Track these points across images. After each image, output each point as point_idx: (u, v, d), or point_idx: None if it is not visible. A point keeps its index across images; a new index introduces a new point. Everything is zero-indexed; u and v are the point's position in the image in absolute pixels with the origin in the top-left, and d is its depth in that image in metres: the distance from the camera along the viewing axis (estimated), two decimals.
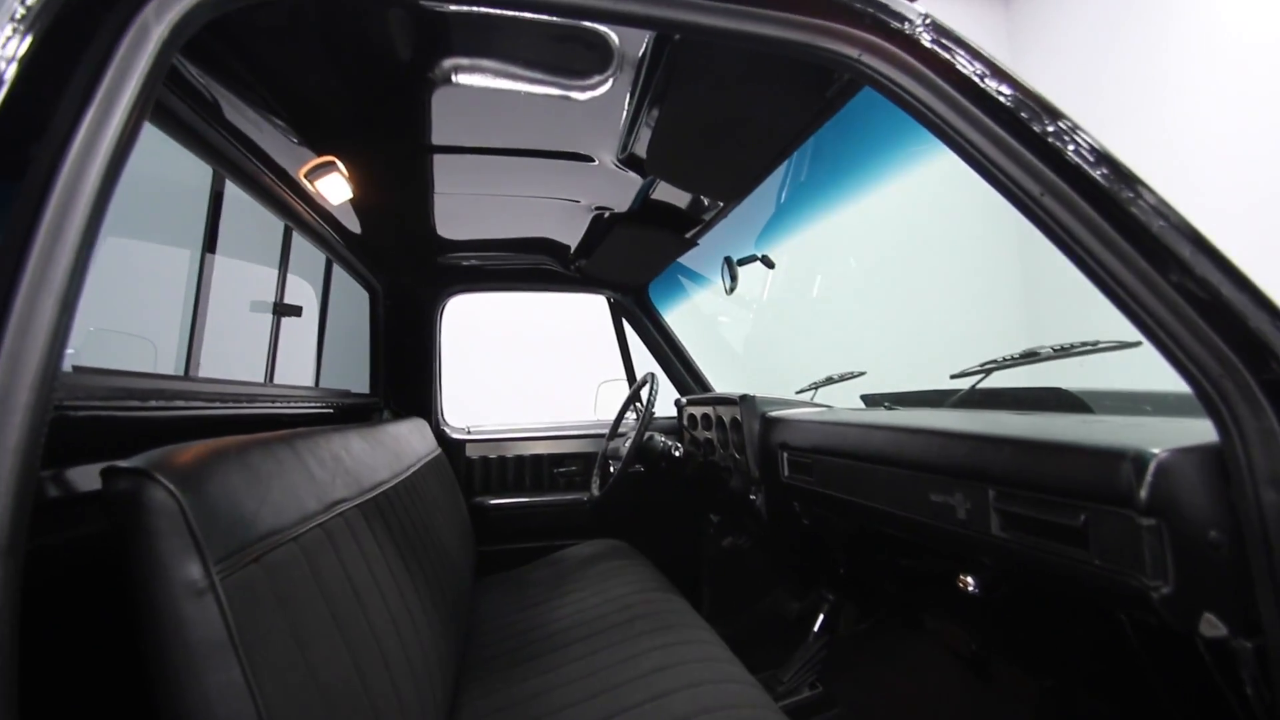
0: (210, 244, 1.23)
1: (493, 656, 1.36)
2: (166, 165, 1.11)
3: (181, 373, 1.17)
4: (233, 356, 1.48)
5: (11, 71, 0.45)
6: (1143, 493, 0.61)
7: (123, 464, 0.57)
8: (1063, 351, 1.18)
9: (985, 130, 0.63)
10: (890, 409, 1.50)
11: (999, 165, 0.63)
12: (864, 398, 1.76)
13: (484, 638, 1.47)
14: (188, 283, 1.25)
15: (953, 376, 1.39)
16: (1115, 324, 0.66)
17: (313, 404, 1.56)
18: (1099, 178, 0.58)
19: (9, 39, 0.46)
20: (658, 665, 1.14)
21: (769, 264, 1.79)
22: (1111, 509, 0.66)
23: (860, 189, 2.43)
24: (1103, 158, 0.59)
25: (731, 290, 1.74)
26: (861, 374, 1.79)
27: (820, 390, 1.89)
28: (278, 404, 1.33)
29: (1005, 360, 1.29)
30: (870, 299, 3.83)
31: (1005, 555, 0.86)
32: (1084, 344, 1.15)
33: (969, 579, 1.02)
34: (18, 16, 0.47)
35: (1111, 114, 3.31)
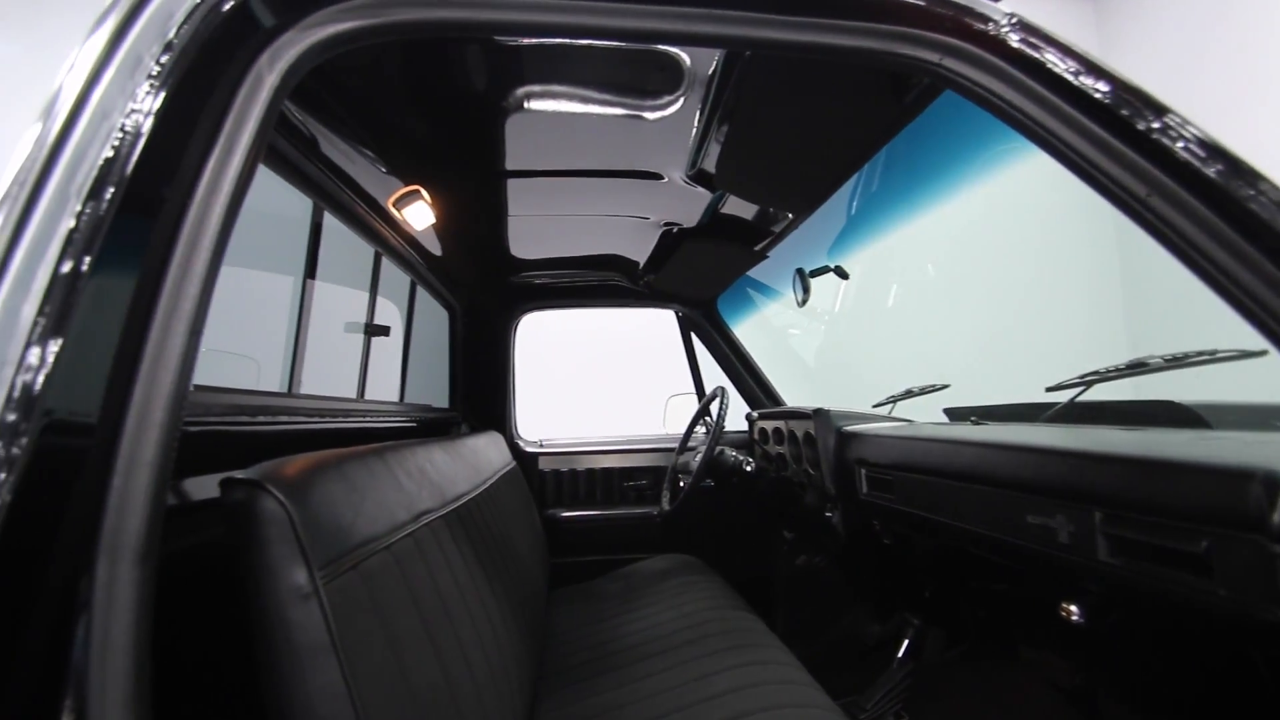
0: (311, 270, 1.33)
1: (568, 668, 1.37)
2: (267, 198, 1.21)
3: (285, 389, 1.26)
4: (326, 375, 1.59)
5: (149, 125, 0.51)
6: (1275, 517, 0.55)
7: (239, 475, 0.62)
8: (1176, 362, 1.08)
9: (1082, 130, 0.60)
10: (978, 423, 1.42)
11: (1099, 166, 0.59)
12: (948, 411, 1.68)
13: (559, 649, 1.49)
14: (290, 307, 1.36)
15: (1049, 389, 1.30)
16: (1233, 332, 0.60)
17: (398, 419, 1.65)
18: (1213, 175, 0.54)
19: (146, 95, 0.51)
20: (734, 685, 1.12)
21: (843, 275, 1.74)
22: (1239, 534, 0.60)
23: (939, 194, 2.33)
24: (1216, 152, 0.55)
25: (803, 303, 1.71)
26: (944, 387, 1.70)
27: (899, 404, 1.81)
28: (368, 419, 1.41)
29: (1109, 371, 1.19)
30: (953, 309, 3.65)
31: (1114, 582, 0.79)
32: (1200, 353, 1.04)
33: (1072, 607, 0.94)
34: (153, 74, 0.52)
35: (1209, 112, 3.03)
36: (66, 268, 0.45)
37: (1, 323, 0.43)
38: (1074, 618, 0.94)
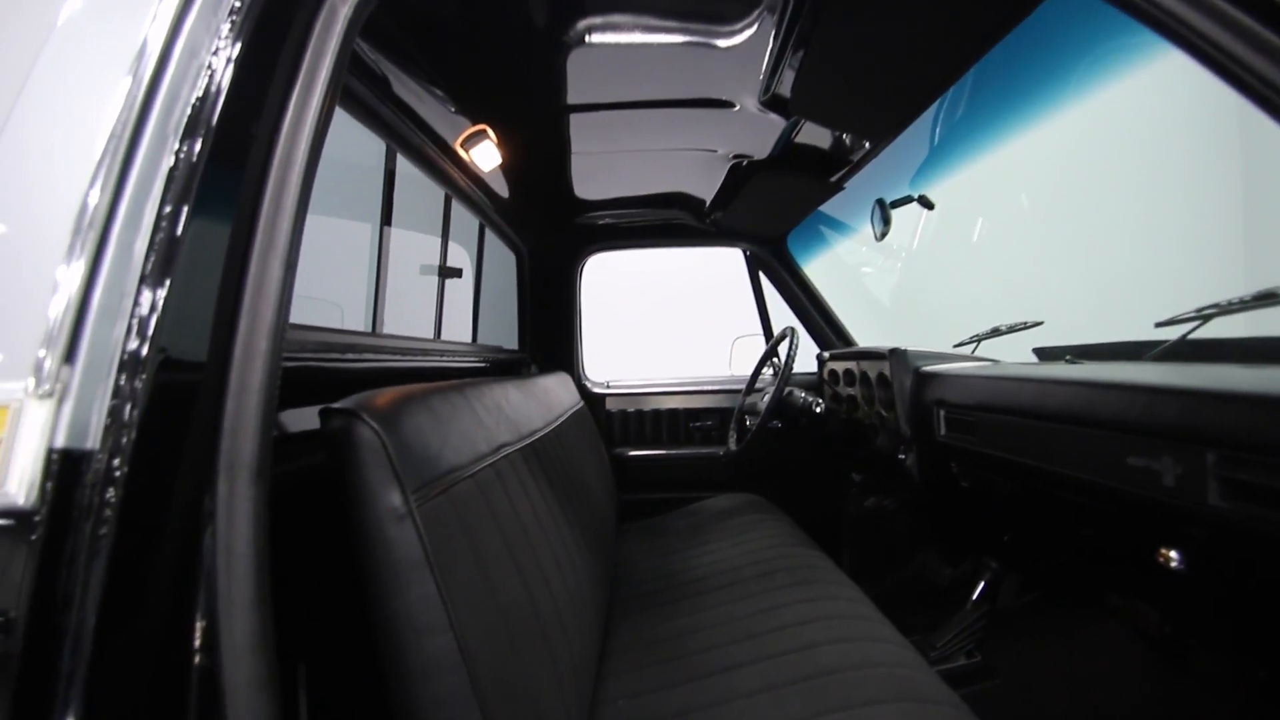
0: (387, 217, 1.36)
1: (637, 596, 1.43)
2: (344, 148, 1.24)
3: (369, 330, 1.33)
4: (404, 317, 1.66)
5: (234, 64, 0.52)
6: None
7: (336, 405, 0.66)
8: None
9: (1229, 22, 0.51)
10: (1072, 363, 1.33)
11: (1248, 65, 0.51)
12: (1038, 351, 1.57)
13: (628, 579, 1.55)
14: (369, 253, 1.41)
15: (1159, 325, 1.19)
16: None
17: (471, 359, 1.71)
18: None
19: (228, 34, 0.52)
20: (803, 618, 1.14)
21: (927, 205, 1.63)
22: None
23: (1034, 115, 2.12)
24: None
25: (882, 236, 1.62)
26: (1037, 324, 1.59)
27: (983, 343, 1.71)
28: (445, 358, 1.47)
29: (1231, 304, 1.08)
30: (1050, 241, 3.36)
31: (1224, 528, 0.74)
32: None
33: (1172, 553, 0.89)
34: (234, 9, 0.53)
35: None
36: (169, 208, 0.48)
37: (116, 262, 0.46)
38: (1173, 564, 0.89)
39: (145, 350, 0.45)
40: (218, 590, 0.47)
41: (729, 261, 2.45)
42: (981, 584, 1.57)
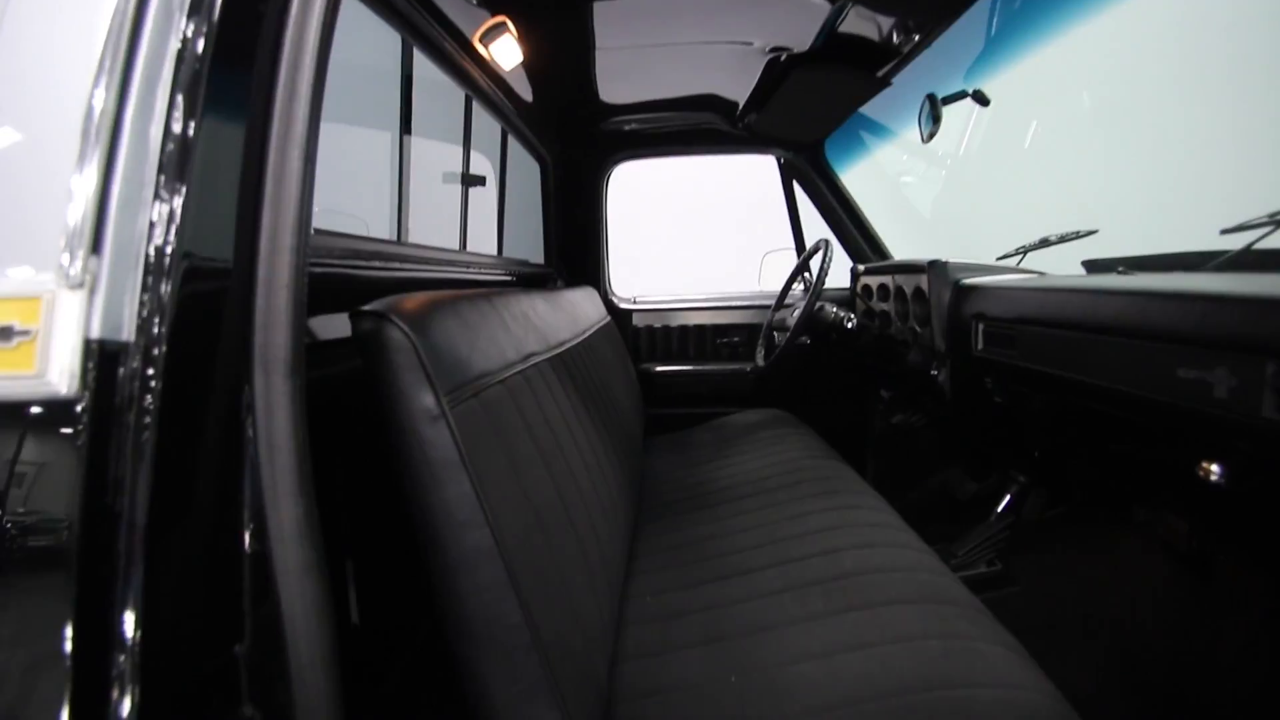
0: (406, 123, 1.31)
1: (664, 504, 1.48)
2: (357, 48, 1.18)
3: (394, 239, 1.31)
4: (427, 228, 1.63)
5: None
6: None
7: (366, 308, 0.65)
8: None
9: None
10: (1125, 274, 1.26)
11: None
12: (1088, 264, 1.49)
13: (654, 490, 1.60)
14: (390, 163, 1.37)
15: (1224, 231, 1.11)
16: None
17: (496, 271, 1.69)
18: None
19: None
20: (827, 525, 1.16)
21: (982, 100, 1.50)
22: None
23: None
24: None
25: (930, 137, 1.51)
26: (1091, 233, 1.49)
27: (1029, 256, 1.63)
28: (470, 269, 1.46)
29: None
30: (1111, 144, 3.11)
31: (1275, 442, 0.71)
32: None
33: (1214, 467, 0.87)
34: None
35: None
36: (180, 97, 0.45)
37: (131, 153, 0.44)
38: (1213, 478, 0.87)
39: (171, 244, 0.44)
40: (262, 480, 0.48)
41: (761, 170, 2.34)
42: (1008, 497, 1.58)
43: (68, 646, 0.40)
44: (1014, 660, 0.78)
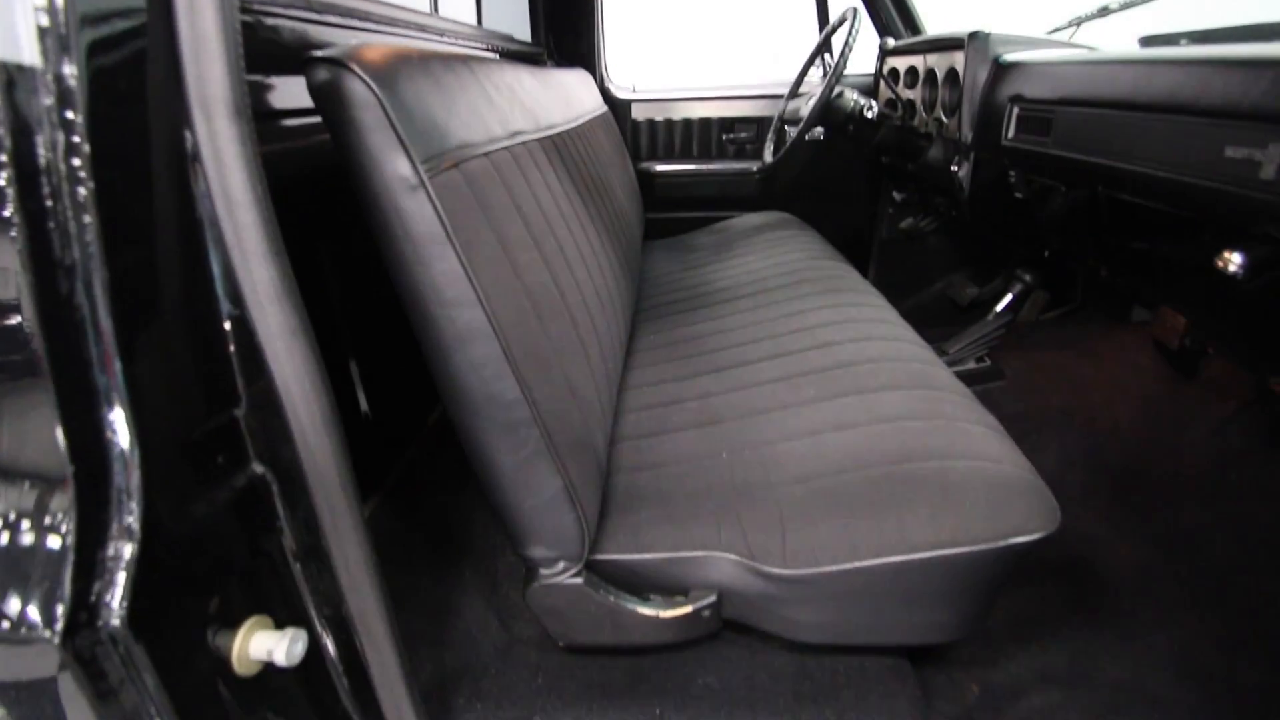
0: None
1: (661, 304, 1.47)
2: None
3: None
4: None
5: None
6: None
7: (320, 54, 0.56)
8: None
9: None
10: (1187, 47, 1.11)
11: None
12: (1145, 39, 1.31)
13: (652, 291, 1.58)
14: None
15: None
16: None
17: (476, 43, 1.49)
18: None
19: None
20: (825, 321, 1.16)
21: None
22: None
23: None
24: None
25: None
26: None
27: (1084, 28, 1.43)
28: (445, 38, 1.28)
29: None
30: None
31: None
32: None
33: (1235, 256, 0.84)
34: None
35: None
36: None
37: None
38: (1232, 267, 0.84)
39: None
40: (226, 240, 0.45)
41: None
42: (1009, 296, 1.57)
43: (62, 445, 0.39)
44: (992, 437, 0.82)
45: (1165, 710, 0.86)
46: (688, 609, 0.76)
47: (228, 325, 0.46)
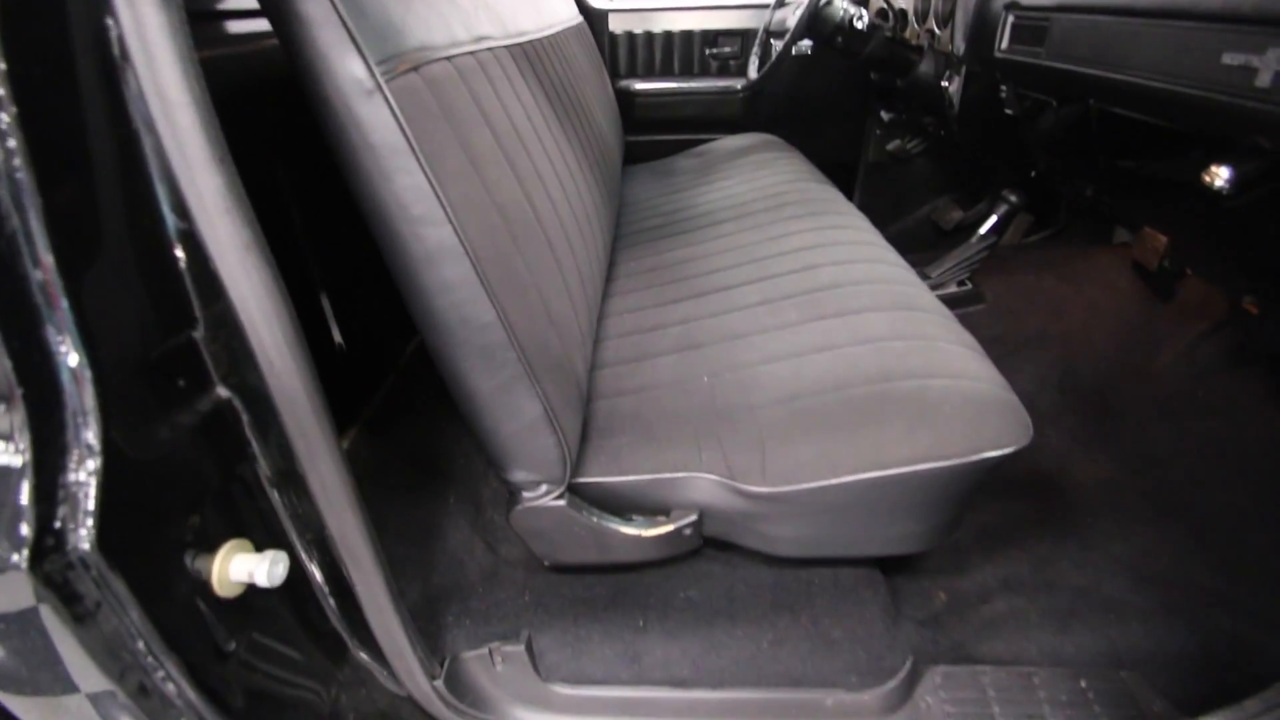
0: None
1: (640, 230, 1.43)
2: None
3: None
4: None
5: None
6: None
7: None
8: None
9: None
10: None
11: None
12: None
13: (631, 217, 1.53)
14: None
15: None
16: None
17: None
18: None
19: None
20: (808, 244, 1.14)
21: None
22: None
23: None
24: None
25: None
26: None
27: None
28: None
29: None
30: None
31: None
32: None
33: (1222, 170, 0.83)
34: None
35: None
36: None
37: None
38: (1218, 182, 0.83)
39: None
40: (165, 146, 0.41)
41: None
42: (994, 218, 1.55)
43: (8, 366, 0.37)
44: (970, 356, 0.82)
45: (1121, 612, 0.91)
46: (669, 528, 0.78)
47: (176, 240, 0.44)
